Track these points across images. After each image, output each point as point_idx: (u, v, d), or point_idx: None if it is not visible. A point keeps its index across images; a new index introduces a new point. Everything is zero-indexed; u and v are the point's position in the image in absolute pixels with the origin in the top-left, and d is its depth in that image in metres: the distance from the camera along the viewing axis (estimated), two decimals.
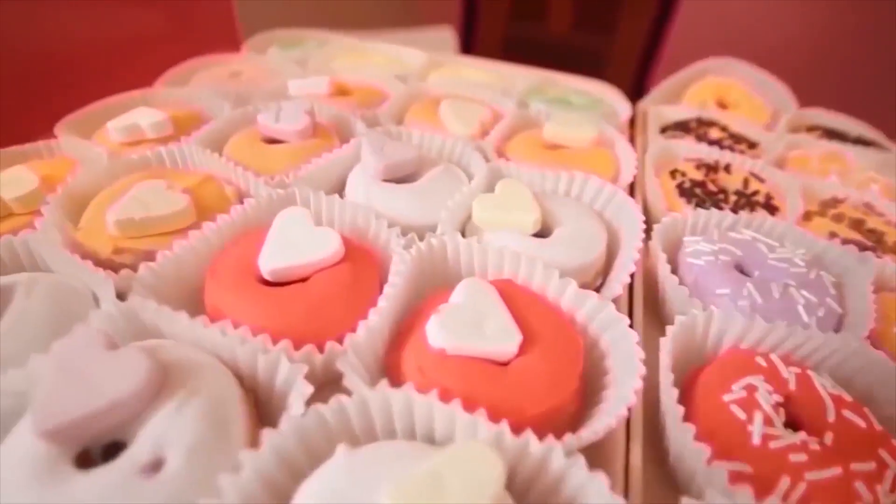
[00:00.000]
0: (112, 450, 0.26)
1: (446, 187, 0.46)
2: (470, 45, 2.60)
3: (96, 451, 0.27)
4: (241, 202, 0.42)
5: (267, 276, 0.35)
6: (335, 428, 0.28)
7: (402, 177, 0.47)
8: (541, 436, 0.26)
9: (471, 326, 0.31)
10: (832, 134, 0.66)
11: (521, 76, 0.74)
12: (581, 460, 0.25)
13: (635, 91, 0.74)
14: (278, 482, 0.26)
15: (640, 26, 2.42)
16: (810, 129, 0.69)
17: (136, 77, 0.71)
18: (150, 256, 0.37)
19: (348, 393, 0.28)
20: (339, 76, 0.66)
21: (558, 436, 0.26)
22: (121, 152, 0.49)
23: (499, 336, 0.31)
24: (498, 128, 0.56)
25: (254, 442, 0.28)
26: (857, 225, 0.48)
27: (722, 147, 0.59)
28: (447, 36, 1.80)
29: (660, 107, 0.69)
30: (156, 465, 0.25)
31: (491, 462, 0.23)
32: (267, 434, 0.26)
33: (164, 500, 0.24)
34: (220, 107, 0.57)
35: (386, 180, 0.46)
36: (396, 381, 0.31)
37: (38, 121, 0.57)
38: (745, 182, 0.52)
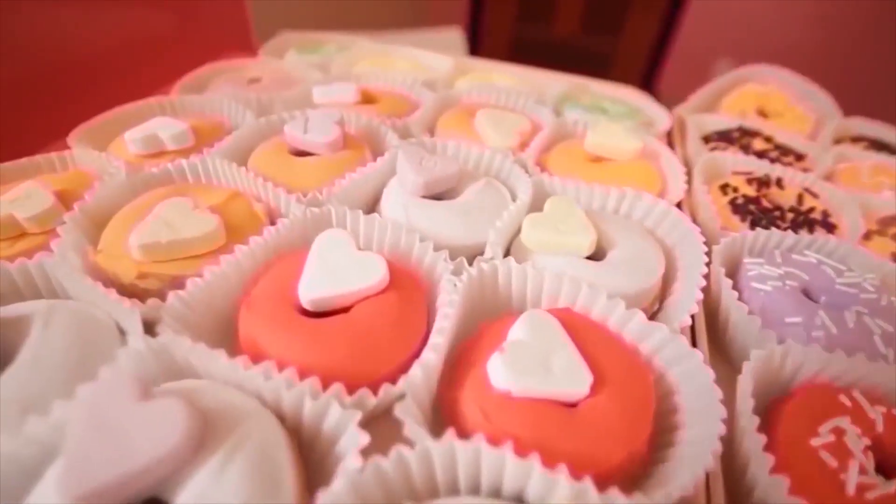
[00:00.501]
0: None
1: (490, 204, 0.43)
2: (477, 46, 2.58)
3: None
4: (272, 221, 0.39)
5: (307, 307, 0.32)
6: (395, 482, 0.25)
7: (440, 193, 0.44)
8: (619, 487, 0.23)
9: (538, 366, 0.29)
10: (878, 145, 0.63)
11: (552, 82, 0.71)
12: None
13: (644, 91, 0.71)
14: None
15: (648, 27, 2.40)
16: (854, 139, 0.66)
17: (148, 81, 0.68)
18: (175, 282, 0.35)
19: (401, 436, 0.25)
20: (364, 83, 0.63)
21: (631, 485, 0.24)
22: (139, 165, 0.46)
23: (569, 376, 0.29)
24: (537, 139, 0.53)
25: (301, 493, 0.26)
26: None
27: (770, 160, 0.56)
28: (456, 37, 1.77)
29: (700, 115, 0.66)
30: None
31: None
32: (323, 495, 0.23)
33: None
34: (241, 115, 0.55)
35: (425, 196, 0.43)
36: (454, 423, 0.29)
37: (49, 128, 0.55)
38: (800, 198, 0.49)
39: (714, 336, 0.41)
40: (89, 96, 0.72)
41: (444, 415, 0.30)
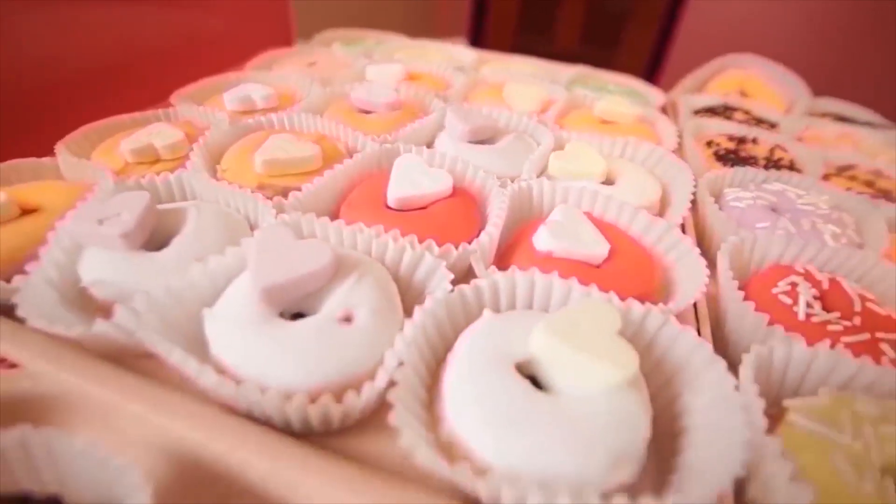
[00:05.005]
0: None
1: (521, 149, 0.54)
2: None
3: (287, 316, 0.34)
4: (350, 156, 0.50)
5: (393, 205, 0.43)
6: (472, 302, 0.35)
7: (481, 140, 0.55)
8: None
9: (570, 235, 0.39)
10: (843, 119, 0.75)
11: (562, 70, 0.83)
12: (672, 319, 0.33)
13: None
14: (433, 341, 0.33)
15: (644, 40, 2.54)
16: (822, 115, 0.77)
17: (205, 73, 0.79)
18: (285, 192, 0.45)
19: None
20: (407, 65, 0.74)
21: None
22: (236, 118, 0.57)
23: (593, 242, 0.39)
24: (554, 106, 0.65)
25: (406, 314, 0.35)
26: (869, 184, 0.56)
27: (748, 126, 0.67)
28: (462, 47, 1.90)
29: (689, 95, 0.78)
30: (347, 319, 0.32)
31: (609, 309, 0.31)
32: (422, 306, 0.32)
33: (357, 342, 0.31)
34: (308, 86, 0.66)
35: (469, 142, 0.54)
36: None
37: (142, 98, 0.66)
38: (771, 151, 0.61)
39: (701, 236, 0.51)
40: (158, 82, 0.83)
41: None
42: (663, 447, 0.31)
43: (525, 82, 0.71)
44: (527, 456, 0.25)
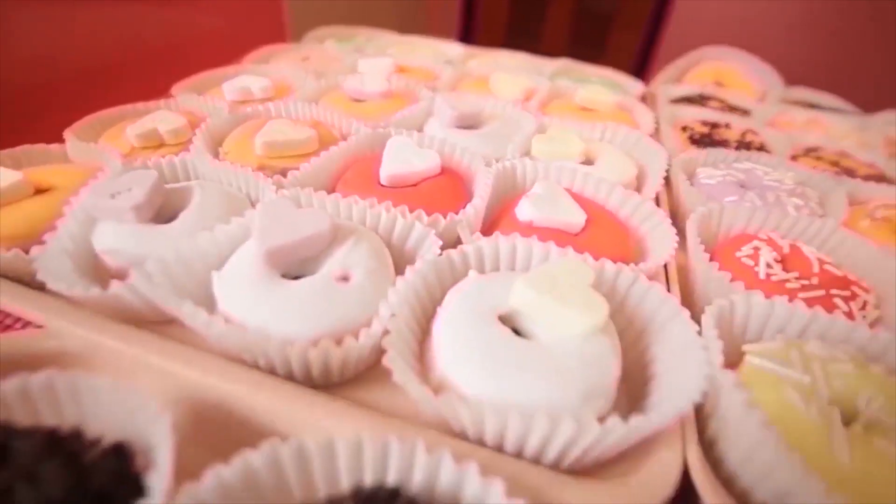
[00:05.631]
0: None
1: (506, 133, 0.57)
2: None
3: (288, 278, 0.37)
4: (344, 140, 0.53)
5: (385, 182, 0.46)
6: (459, 267, 0.38)
7: (468, 126, 0.58)
8: None
9: (550, 206, 0.42)
10: (813, 106, 0.79)
11: (547, 63, 0.86)
12: (642, 277, 0.36)
13: None
14: (423, 299, 0.36)
15: (630, 43, 2.58)
16: (794, 103, 0.81)
17: (197, 69, 0.82)
18: (283, 172, 0.48)
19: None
20: (397, 59, 0.78)
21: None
22: (235, 107, 0.60)
23: (570, 212, 0.42)
24: (537, 95, 0.68)
25: None
26: (834, 164, 0.60)
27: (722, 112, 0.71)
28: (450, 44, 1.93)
29: (667, 85, 0.81)
30: (344, 278, 0.35)
31: (582, 266, 0.34)
32: (413, 266, 0.35)
33: (353, 298, 0.34)
34: (303, 79, 0.69)
35: (457, 127, 0.57)
36: None
37: (141, 93, 0.69)
38: (743, 135, 0.64)
39: (675, 211, 0.55)
40: (156, 79, 0.85)
41: None
42: (636, 394, 0.34)
43: (510, 72, 0.74)
44: (508, 390, 0.28)
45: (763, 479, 0.27)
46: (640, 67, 2.54)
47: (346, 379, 0.34)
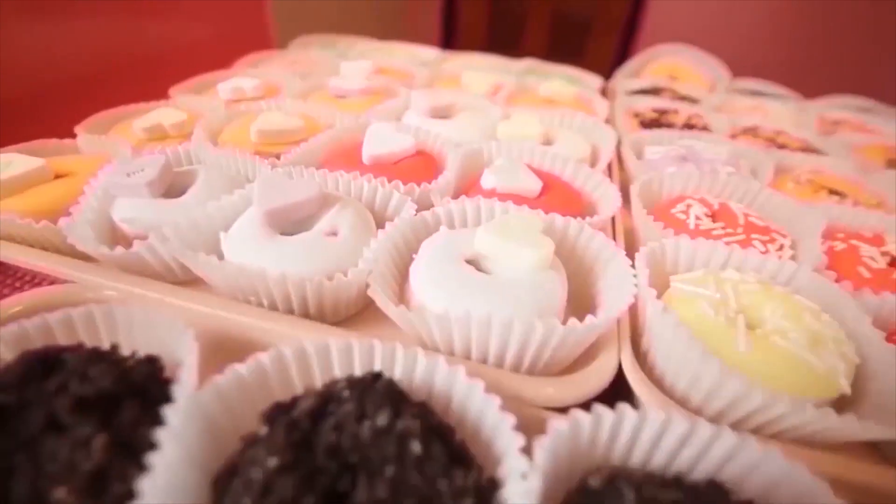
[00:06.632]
0: None
1: (475, 120, 0.64)
2: None
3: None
4: None
5: (367, 161, 0.52)
6: (431, 223, 0.44)
7: (441, 116, 0.65)
8: None
9: (511, 175, 0.49)
10: (756, 94, 0.87)
11: (514, 63, 0.94)
12: (587, 226, 0.42)
13: None
14: (401, 250, 0.42)
15: (608, 48, 2.67)
16: (740, 92, 0.89)
17: (189, 75, 0.88)
18: (276, 157, 0.54)
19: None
20: (377, 62, 0.84)
21: None
22: (230, 105, 0.66)
23: (529, 181, 0.49)
24: (504, 89, 0.75)
25: None
26: (770, 140, 0.67)
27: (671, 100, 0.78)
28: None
29: (625, 80, 0.89)
30: (333, 234, 0.41)
31: (533, 216, 0.40)
32: (392, 223, 0.41)
33: (340, 249, 0.40)
34: (290, 80, 0.75)
35: (431, 117, 0.64)
36: None
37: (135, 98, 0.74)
38: (689, 118, 0.71)
39: (624, 184, 0.61)
40: (149, 86, 0.91)
41: None
42: None
43: (480, 70, 0.81)
44: (471, 309, 0.34)
45: (679, 370, 0.33)
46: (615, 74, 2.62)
47: (339, 319, 0.40)
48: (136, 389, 0.29)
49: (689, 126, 0.69)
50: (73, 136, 0.57)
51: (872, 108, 0.94)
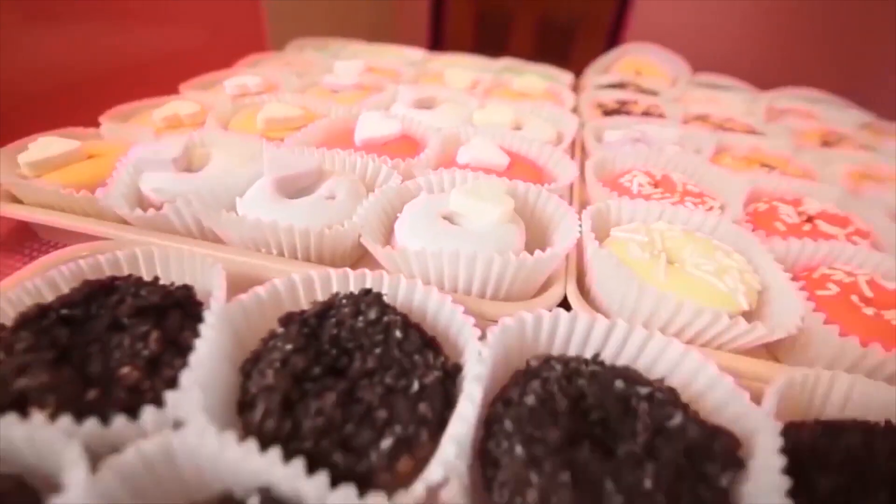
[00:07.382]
0: None
1: (456, 110, 0.72)
2: None
3: None
4: None
5: (359, 144, 0.60)
6: (413, 191, 0.52)
7: (425, 107, 0.73)
8: None
9: (482, 151, 0.57)
10: (712, 86, 0.95)
11: (493, 62, 1.02)
12: (545, 191, 0.50)
13: None
14: (388, 212, 0.49)
15: (593, 51, 2.75)
16: (699, 85, 0.98)
17: (190, 76, 0.95)
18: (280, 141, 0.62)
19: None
20: (368, 62, 0.93)
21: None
22: (235, 101, 0.74)
23: (498, 156, 0.57)
24: (482, 84, 0.83)
25: None
26: (718, 126, 0.76)
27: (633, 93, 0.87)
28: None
29: (595, 76, 0.97)
30: (331, 198, 0.49)
31: (498, 181, 0.48)
32: (380, 187, 0.49)
33: (338, 209, 0.47)
34: (288, 78, 0.83)
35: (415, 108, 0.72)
36: None
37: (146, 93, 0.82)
38: (647, 108, 0.80)
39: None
40: (151, 88, 0.99)
41: None
42: None
43: (461, 68, 0.89)
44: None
45: (611, 293, 0.41)
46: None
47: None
48: (179, 304, 0.36)
49: (646, 114, 0.78)
50: (94, 126, 0.65)
51: (824, 99, 1.03)
